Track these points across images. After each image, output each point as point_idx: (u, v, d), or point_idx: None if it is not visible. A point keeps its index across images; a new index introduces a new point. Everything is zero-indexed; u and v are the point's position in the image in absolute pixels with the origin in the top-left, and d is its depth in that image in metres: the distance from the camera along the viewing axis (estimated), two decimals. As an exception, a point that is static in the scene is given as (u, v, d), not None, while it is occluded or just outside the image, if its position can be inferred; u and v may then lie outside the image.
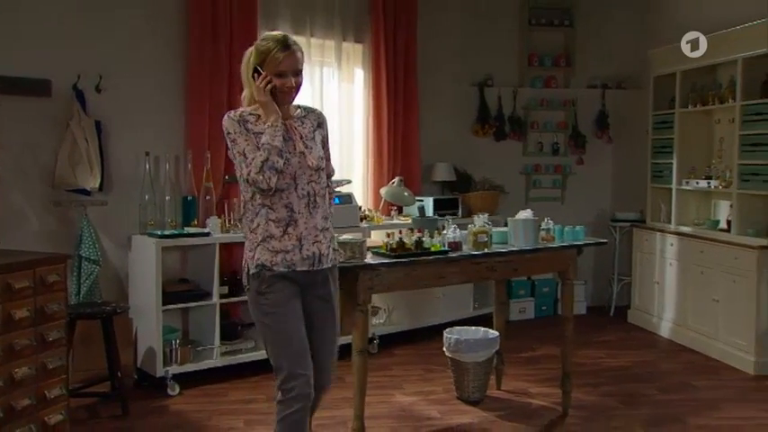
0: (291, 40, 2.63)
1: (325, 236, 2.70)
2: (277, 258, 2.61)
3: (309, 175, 2.63)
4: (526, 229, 4.05)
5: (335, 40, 6.04)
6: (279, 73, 2.59)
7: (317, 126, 2.76)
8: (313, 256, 2.66)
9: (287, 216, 2.60)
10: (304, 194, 2.62)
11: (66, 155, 4.59)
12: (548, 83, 7.31)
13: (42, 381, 3.50)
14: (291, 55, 2.60)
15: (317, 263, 2.68)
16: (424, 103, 6.66)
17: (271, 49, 2.60)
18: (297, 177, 2.61)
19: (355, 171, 6.31)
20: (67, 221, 4.71)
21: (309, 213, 2.63)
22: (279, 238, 2.61)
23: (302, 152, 2.63)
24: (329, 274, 2.77)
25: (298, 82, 2.66)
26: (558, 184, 7.40)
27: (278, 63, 2.58)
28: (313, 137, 2.70)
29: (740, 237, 5.37)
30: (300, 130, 2.68)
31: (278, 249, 2.61)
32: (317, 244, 2.66)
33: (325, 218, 2.71)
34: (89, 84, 4.71)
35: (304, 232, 2.62)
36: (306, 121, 2.73)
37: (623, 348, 5.89)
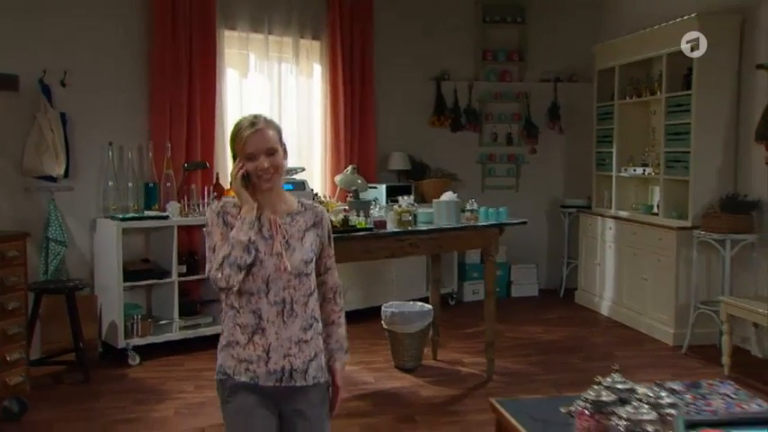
0: (262, 118, 2.28)
1: (302, 349, 2.28)
2: (240, 368, 2.27)
3: (287, 280, 2.26)
4: (449, 210, 4.45)
5: (293, 37, 6.43)
6: (248, 156, 2.23)
7: (312, 225, 2.35)
8: (281, 371, 2.26)
9: (253, 323, 2.26)
10: (277, 301, 2.26)
11: (33, 145, 4.98)
12: (502, 77, 7.70)
13: (2, 346, 3.90)
14: (258, 133, 2.22)
15: (286, 379, 2.27)
16: (381, 96, 7.06)
17: (238, 130, 2.27)
18: (270, 281, 2.25)
19: (314, 160, 6.71)
20: (36, 206, 5.11)
21: (283, 323, 2.26)
22: (244, 346, 2.27)
23: (279, 254, 2.26)
24: (309, 394, 2.32)
25: (274, 163, 2.25)
26: (512, 173, 7.80)
27: (244, 144, 2.23)
28: (302, 237, 2.31)
29: (665, 219, 5.78)
30: (287, 227, 2.30)
31: (242, 358, 2.27)
32: (288, 358, 2.26)
33: (306, 329, 2.30)
34: (55, 78, 5.10)
35: (274, 343, 2.26)
36: (298, 218, 2.34)
37: (562, 325, 6.29)
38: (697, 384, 2.37)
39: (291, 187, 5.74)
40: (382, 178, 7.05)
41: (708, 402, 2.21)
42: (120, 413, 4.15)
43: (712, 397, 2.25)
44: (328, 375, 2.40)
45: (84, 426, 3.97)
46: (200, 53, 5.76)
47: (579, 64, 7.58)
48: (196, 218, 5.35)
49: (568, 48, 7.59)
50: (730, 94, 5.47)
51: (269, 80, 6.31)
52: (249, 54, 6.24)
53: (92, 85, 5.26)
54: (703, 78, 5.42)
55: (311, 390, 2.31)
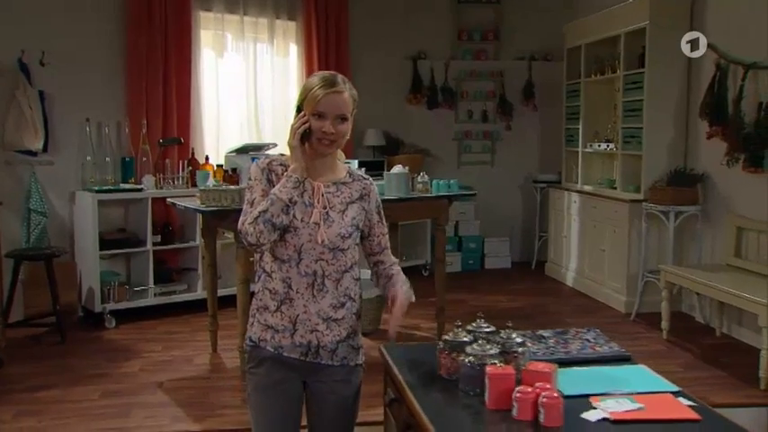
0: (341, 79, 2.15)
1: (331, 328, 2.16)
2: (266, 335, 2.18)
3: (320, 252, 2.13)
4: (398, 182, 4.71)
5: (269, 18, 6.68)
6: (317, 113, 2.09)
7: (359, 198, 2.22)
8: (308, 345, 2.16)
9: (283, 291, 2.15)
10: (308, 273, 2.13)
11: (13, 121, 5.30)
12: (477, 56, 7.91)
13: (-21, 305, 4.24)
14: (335, 95, 2.09)
15: (311, 354, 2.17)
16: (358, 74, 7.27)
17: (313, 86, 2.11)
18: (302, 251, 2.12)
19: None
20: (18, 178, 5.44)
21: (312, 296, 2.13)
22: (272, 313, 2.17)
23: (317, 224, 2.12)
24: (336, 372, 2.22)
25: (341, 130, 2.12)
26: (487, 149, 8.03)
27: (317, 102, 2.08)
28: (344, 209, 2.17)
29: (621, 192, 6.01)
30: (329, 197, 2.17)
31: (269, 324, 2.18)
32: (315, 333, 2.15)
33: (336, 306, 2.16)
34: (33, 58, 5.40)
35: (302, 315, 2.14)
36: (344, 189, 2.20)
37: (526, 295, 6.56)
38: (565, 332, 2.63)
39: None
40: (358, 154, 7.31)
41: (566, 345, 2.47)
42: (90, 369, 4.48)
43: (573, 341, 2.52)
44: (363, 358, 2.29)
45: (54, 378, 4.30)
46: (176, 33, 6.04)
47: (553, 43, 7.76)
48: (170, 191, 5.64)
49: (543, 27, 7.78)
50: (681, 73, 5.68)
51: (245, 60, 6.57)
52: (225, 34, 6.50)
53: (69, 65, 5.56)
54: (655, 57, 5.63)
55: (338, 369, 2.20)
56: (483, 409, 2.00)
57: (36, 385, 4.20)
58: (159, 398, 4.00)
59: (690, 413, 1.94)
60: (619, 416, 1.90)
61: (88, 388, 4.14)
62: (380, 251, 2.32)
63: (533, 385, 1.94)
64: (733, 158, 4.93)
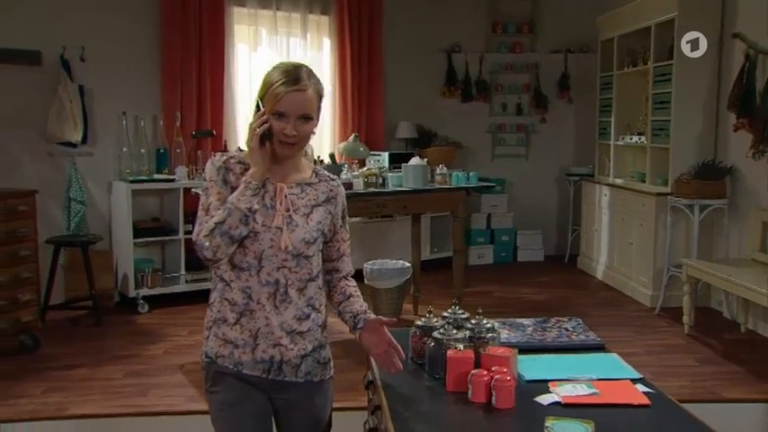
0: (305, 74, 1.94)
1: (295, 341, 2.00)
2: (225, 351, 2.01)
3: (282, 259, 1.96)
4: (415, 173, 4.79)
5: (301, 13, 6.82)
6: (277, 113, 1.91)
7: (325, 200, 2.05)
8: (270, 360, 2.00)
9: (242, 303, 1.98)
10: (269, 282, 1.97)
11: (55, 114, 5.57)
12: (512, 48, 7.89)
13: (15, 288, 4.50)
14: (298, 93, 1.90)
15: (274, 371, 2.01)
16: (392, 68, 7.39)
17: (273, 81, 1.92)
18: (263, 258, 1.95)
19: (324, 130, 7.11)
20: (59, 169, 5.71)
21: (274, 307, 1.97)
22: (231, 326, 2.00)
23: (279, 228, 1.96)
24: (302, 388, 2.07)
25: (303, 131, 1.94)
26: (521, 142, 8.02)
27: (277, 100, 1.89)
28: (309, 213, 2.01)
29: (650, 186, 5.95)
30: (293, 199, 2.00)
31: (228, 339, 2.00)
32: (279, 348, 1.99)
33: (301, 318, 2.01)
34: (74, 54, 5.65)
35: (263, 329, 1.98)
36: (309, 190, 2.04)
37: (553, 288, 6.55)
38: (546, 320, 2.67)
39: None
40: (391, 146, 7.41)
41: (543, 333, 2.52)
42: (118, 350, 4.71)
43: (551, 330, 2.56)
44: (330, 372, 2.15)
45: (85, 358, 4.54)
46: (210, 29, 6.23)
47: (589, 35, 7.68)
48: (202, 181, 5.84)
49: (579, 19, 7.69)
50: (711, 64, 5.58)
51: (278, 54, 6.72)
52: (260, 29, 6.67)
53: (108, 60, 5.80)
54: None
55: (302, 386, 2.06)
56: (443, 390, 2.07)
57: (67, 364, 4.44)
58: (178, 379, 4.18)
59: (641, 398, 1.98)
60: (570, 399, 1.96)
61: (114, 368, 4.36)
62: (338, 257, 2.15)
63: (491, 369, 2.01)
64: (758, 151, 4.85)
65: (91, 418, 3.67)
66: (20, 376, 4.23)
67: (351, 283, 2.19)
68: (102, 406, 3.79)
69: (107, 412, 3.71)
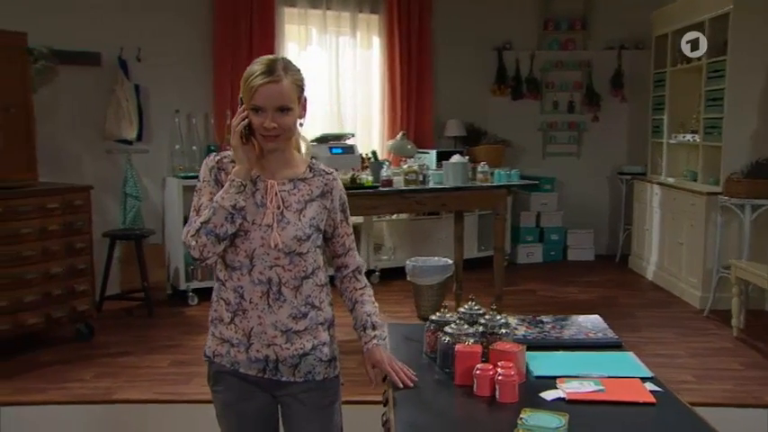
0: (281, 65, 1.91)
1: (292, 341, 1.98)
2: (222, 349, 2.02)
3: (274, 257, 1.94)
4: (456, 171, 4.82)
5: (351, 12, 6.91)
6: (254, 107, 1.89)
7: (319, 195, 2.02)
8: (265, 360, 1.99)
9: (235, 302, 1.98)
10: (261, 281, 1.95)
11: (112, 112, 5.81)
12: (564, 45, 7.81)
13: (71, 278, 4.73)
14: (272, 85, 1.86)
15: (270, 371, 2.00)
16: (441, 66, 7.42)
17: (249, 75, 1.90)
18: (254, 257, 1.94)
19: (373, 128, 7.20)
20: (116, 165, 5.95)
21: (268, 306, 1.95)
22: (226, 325, 2.00)
23: (269, 226, 1.93)
24: (302, 386, 2.05)
25: (284, 122, 1.90)
26: (573, 140, 7.93)
27: (252, 94, 1.88)
28: (302, 209, 1.98)
29: (701, 185, 5.82)
30: (285, 196, 1.97)
31: (224, 337, 2.01)
32: (273, 348, 1.97)
33: (296, 317, 1.98)
34: (131, 55, 5.88)
35: (256, 328, 1.97)
36: (302, 186, 2.00)
37: (601, 287, 6.47)
38: (566, 318, 2.68)
39: (341, 151, 6.27)
40: (440, 145, 7.43)
41: (560, 331, 2.52)
42: (166, 340, 4.89)
43: (570, 327, 2.56)
44: (336, 371, 2.11)
45: (134, 347, 4.74)
46: (261, 29, 6.38)
47: (644, 31, 7.54)
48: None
49: (634, 15, 7.55)
50: (766, 60, 5.41)
51: (328, 53, 6.83)
52: (310, 29, 6.79)
53: (162, 60, 6.01)
54: (738, 43, 5.41)
55: (302, 385, 2.04)
56: (451, 384, 2.12)
57: (118, 352, 4.65)
58: (220, 368, 4.32)
59: (647, 397, 1.97)
60: (574, 396, 1.97)
61: (161, 356, 4.54)
62: (344, 252, 2.12)
63: (497, 364, 2.04)
64: (811, 150, 4.69)
65: (135, 404, 3.84)
66: (74, 362, 4.45)
67: (358, 285, 2.15)
68: (146, 392, 3.95)
69: (151, 398, 3.88)
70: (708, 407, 3.75)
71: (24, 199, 4.48)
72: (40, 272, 4.55)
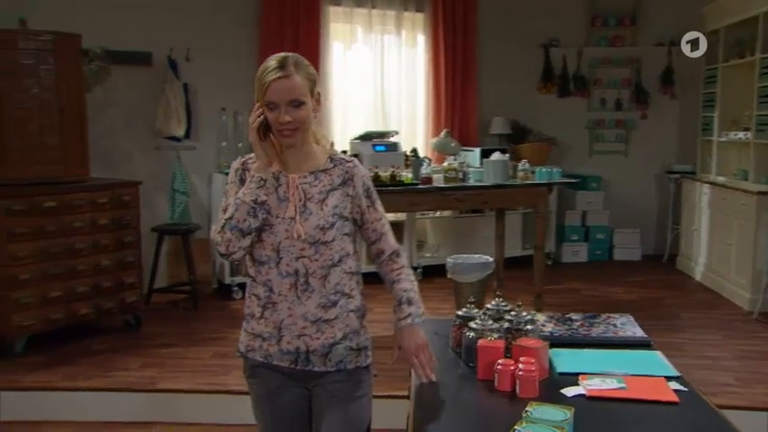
0: (292, 61, 1.96)
1: (322, 330, 2.01)
2: (254, 344, 2.07)
3: (300, 249, 1.98)
4: (496, 169, 4.82)
5: (396, 10, 6.95)
6: (268, 104, 1.94)
7: (341, 183, 2.04)
8: (296, 352, 2.02)
9: (264, 296, 2.02)
10: (289, 272, 1.98)
11: (162, 110, 5.98)
12: (613, 42, 7.70)
13: (120, 271, 4.89)
14: (283, 80, 1.91)
15: (302, 362, 2.03)
16: (486, 63, 7.40)
17: (261, 72, 1.95)
18: (281, 250, 1.98)
19: (417, 126, 7.23)
20: (165, 162, 6.12)
21: (297, 298, 1.99)
22: (257, 320, 2.05)
23: (292, 218, 1.98)
24: (334, 376, 2.07)
25: (298, 116, 1.94)
26: (620, 138, 7.81)
27: (265, 91, 1.93)
28: (324, 198, 2.01)
29: (753, 184, 5.68)
30: (306, 188, 2.01)
31: (256, 332, 2.06)
32: (304, 338, 2.01)
33: (326, 306, 2.01)
34: (180, 54, 6.04)
35: (286, 320, 2.01)
36: (323, 177, 2.04)
37: (647, 288, 6.36)
38: (595, 316, 2.66)
39: (384, 149, 6.31)
40: (485, 142, 7.41)
41: (589, 328, 2.52)
42: (210, 333, 5.02)
43: (598, 325, 2.55)
44: (367, 361, 2.12)
45: (179, 338, 4.88)
46: (306, 28, 6.47)
47: (696, 27, 7.37)
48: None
49: (685, 10, 7.39)
50: (821, 55, 5.26)
51: (373, 51, 6.88)
52: (355, 27, 6.85)
53: (210, 59, 6.16)
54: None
55: (334, 374, 2.06)
56: (474, 378, 2.14)
57: (164, 343, 4.79)
58: (260, 361, 4.42)
59: (670, 396, 1.97)
60: (594, 392, 1.98)
61: (204, 348, 4.66)
62: (378, 238, 2.12)
63: (519, 359, 2.05)
64: None
65: (177, 393, 3.96)
66: (122, 351, 4.61)
67: (395, 266, 2.14)
68: (188, 382, 4.07)
69: (192, 388, 3.99)
70: (749, 411, 3.69)
71: (76, 194, 4.66)
72: (90, 264, 4.73)
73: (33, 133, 4.56)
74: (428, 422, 1.86)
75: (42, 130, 4.59)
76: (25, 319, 4.46)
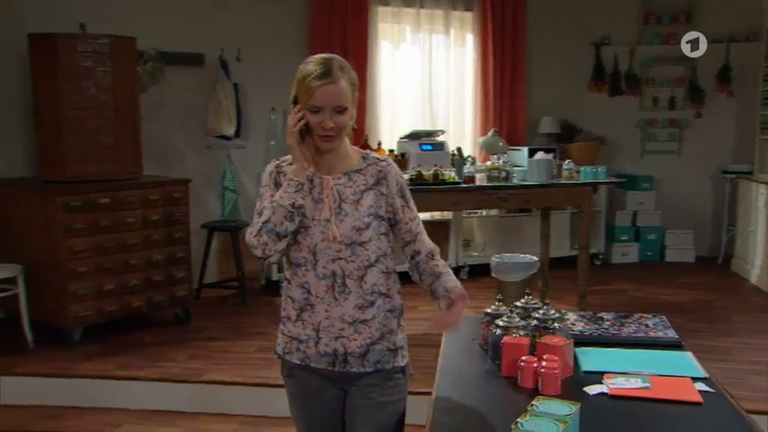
0: (337, 65, 1.95)
1: (359, 331, 2.01)
2: (291, 346, 2.08)
3: (336, 250, 1.98)
4: (540, 168, 4.80)
5: (444, 10, 6.97)
6: (312, 108, 1.93)
7: (375, 183, 2.04)
8: (334, 353, 2.02)
9: (301, 299, 2.02)
10: (326, 274, 1.98)
11: (213, 110, 6.13)
12: (666, 40, 7.54)
13: (170, 266, 5.05)
14: (331, 85, 1.91)
15: (339, 363, 2.03)
16: (535, 62, 7.36)
17: (305, 77, 1.94)
18: (317, 252, 1.98)
19: (465, 125, 7.23)
20: (215, 160, 6.27)
21: (334, 299, 1.99)
22: (294, 323, 2.06)
23: (327, 220, 1.97)
24: (372, 378, 2.06)
25: (340, 122, 1.94)
26: (674, 138, 7.66)
27: (310, 95, 1.92)
28: (359, 199, 2.01)
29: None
30: (339, 189, 2.01)
31: (292, 335, 2.07)
32: (341, 340, 2.01)
33: (363, 307, 2.00)
34: (231, 55, 6.18)
35: (324, 322, 2.00)
36: (357, 177, 2.03)
37: (698, 290, 6.24)
38: (627, 315, 2.65)
39: (431, 148, 6.35)
40: (534, 142, 7.37)
41: (619, 328, 2.50)
42: (255, 327, 5.14)
43: (630, 325, 2.54)
44: (403, 361, 2.11)
45: (226, 332, 5.02)
46: (355, 28, 6.55)
47: (756, 22, 7.18)
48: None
49: (743, 5, 7.22)
50: None
51: (421, 51, 6.92)
52: (403, 27, 6.90)
53: (260, 60, 6.28)
54: None
55: (371, 375, 2.05)
56: (499, 375, 2.16)
57: (210, 336, 4.94)
58: (302, 355, 4.51)
59: (694, 396, 1.96)
60: (617, 391, 1.98)
61: (249, 342, 4.78)
62: (413, 238, 2.10)
63: (542, 357, 2.07)
64: None
65: (220, 384, 4.08)
66: (171, 343, 4.77)
67: (438, 262, 2.12)
68: (231, 374, 4.19)
69: (234, 380, 4.11)
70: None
71: (129, 191, 4.84)
72: (142, 258, 4.90)
73: (90, 133, 4.75)
74: (444, 413, 1.90)
75: (99, 129, 4.78)
76: (82, 310, 4.66)
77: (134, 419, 3.97)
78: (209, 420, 3.96)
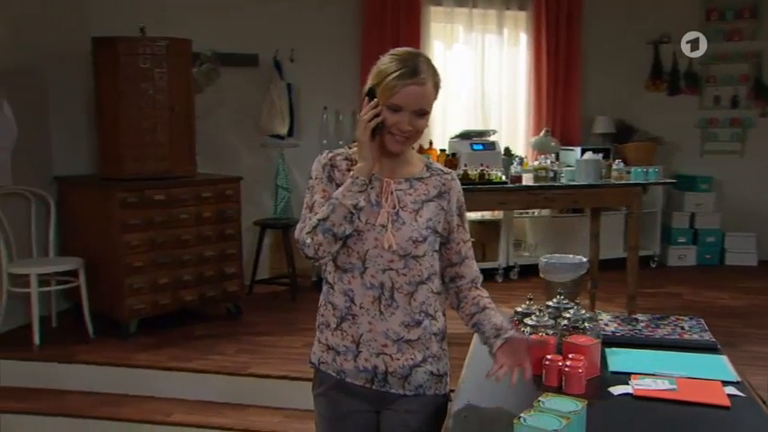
0: (424, 66, 1.81)
1: (403, 350, 1.86)
2: (327, 357, 1.92)
3: (389, 260, 1.83)
4: (588, 168, 4.75)
5: (497, 9, 6.94)
6: (392, 106, 1.79)
7: (437, 195, 1.90)
8: (374, 370, 1.87)
9: (343, 306, 1.88)
10: (374, 285, 1.84)
11: (267, 110, 6.26)
12: (729, 37, 7.33)
13: (222, 261, 5.19)
14: (417, 87, 1.78)
15: (378, 382, 1.88)
16: (591, 61, 7.25)
17: (389, 72, 1.80)
18: (367, 259, 1.84)
19: (518, 125, 7.19)
20: (269, 159, 6.42)
21: (379, 312, 1.84)
22: (332, 331, 1.91)
23: (383, 226, 1.83)
24: (411, 403, 1.91)
25: (419, 126, 1.82)
26: (736, 138, 7.43)
27: (393, 93, 1.78)
28: (418, 209, 1.87)
29: None
30: (400, 195, 1.86)
31: (330, 345, 1.91)
32: (382, 356, 1.86)
33: (409, 326, 1.86)
34: (285, 55, 6.31)
35: (366, 335, 1.86)
36: (419, 185, 1.89)
37: (757, 294, 6.05)
38: (663, 317, 2.61)
39: (482, 147, 6.34)
40: (589, 142, 7.26)
41: (653, 330, 2.47)
42: (303, 323, 5.21)
43: (664, 327, 2.50)
44: (446, 389, 1.97)
45: (275, 328, 5.13)
46: (407, 28, 6.58)
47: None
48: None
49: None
50: None
51: (473, 51, 6.91)
52: (456, 27, 6.90)
53: (313, 61, 6.39)
54: None
55: (411, 399, 1.90)
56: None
57: (260, 331, 5.05)
58: (347, 351, 4.59)
59: (722, 400, 1.92)
60: (641, 392, 1.97)
61: (296, 338, 4.87)
62: (460, 261, 1.96)
63: (568, 356, 2.07)
64: None
65: (264, 378, 4.19)
66: (221, 337, 4.90)
67: (483, 294, 1.98)
68: (276, 368, 4.29)
69: (278, 374, 4.20)
70: None
71: (183, 188, 4.99)
72: (195, 254, 5.05)
73: (146, 132, 4.92)
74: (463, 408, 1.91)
75: (154, 128, 4.95)
76: (137, 303, 4.83)
77: (185, 409, 4.11)
78: (255, 413, 4.07)
